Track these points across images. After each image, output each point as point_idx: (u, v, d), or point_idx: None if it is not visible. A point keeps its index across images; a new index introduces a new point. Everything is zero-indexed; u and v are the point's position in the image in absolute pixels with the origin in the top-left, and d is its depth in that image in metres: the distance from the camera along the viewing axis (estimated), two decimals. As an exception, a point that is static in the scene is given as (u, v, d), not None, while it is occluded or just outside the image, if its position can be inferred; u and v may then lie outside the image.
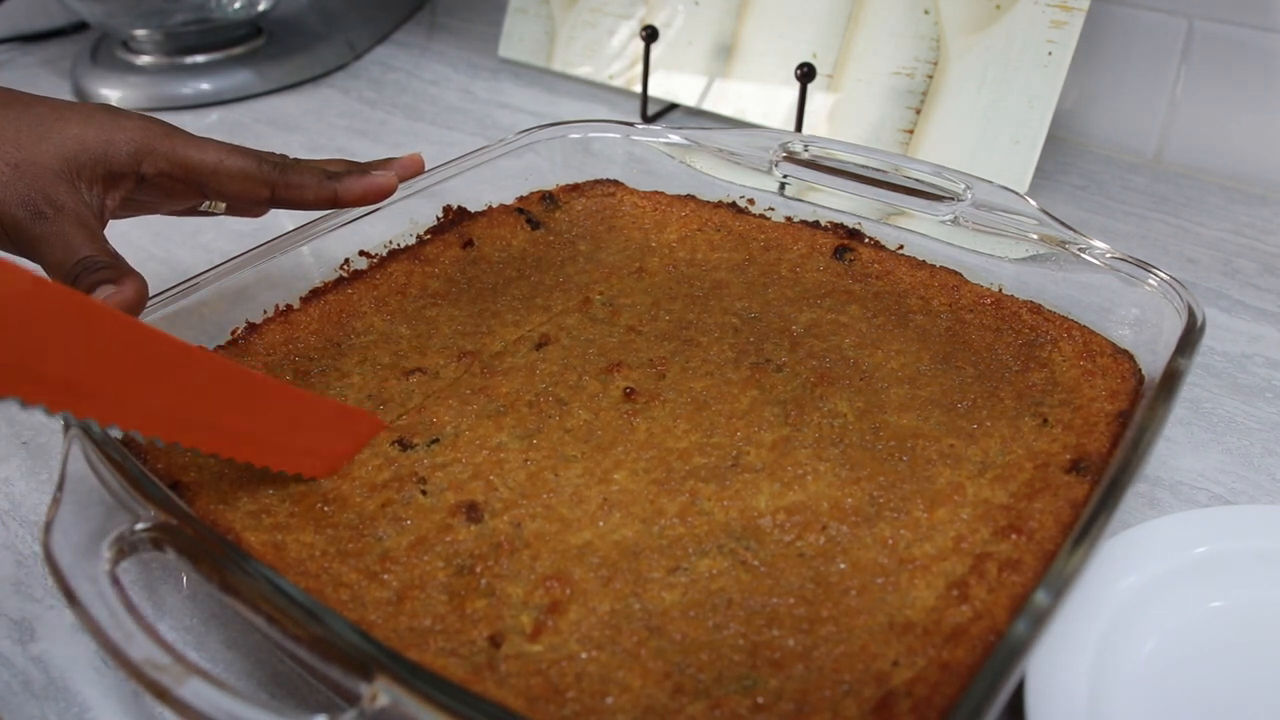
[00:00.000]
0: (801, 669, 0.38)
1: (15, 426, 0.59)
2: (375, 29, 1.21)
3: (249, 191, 0.53)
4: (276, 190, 0.54)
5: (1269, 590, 0.46)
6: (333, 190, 0.55)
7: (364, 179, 0.56)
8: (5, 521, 0.53)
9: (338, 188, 0.55)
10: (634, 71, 0.99)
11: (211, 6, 1.05)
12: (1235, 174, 0.87)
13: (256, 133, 0.99)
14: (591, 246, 0.68)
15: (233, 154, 0.53)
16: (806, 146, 0.68)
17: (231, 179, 0.53)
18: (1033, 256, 0.60)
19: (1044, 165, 0.87)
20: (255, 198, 0.54)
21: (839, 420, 0.51)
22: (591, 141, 0.74)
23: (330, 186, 0.55)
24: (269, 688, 0.44)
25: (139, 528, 0.39)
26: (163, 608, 0.48)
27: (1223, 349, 0.66)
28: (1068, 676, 0.41)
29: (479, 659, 0.39)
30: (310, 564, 0.43)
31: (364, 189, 0.56)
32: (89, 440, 0.42)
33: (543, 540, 0.44)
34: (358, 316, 0.59)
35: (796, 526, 0.45)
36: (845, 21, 0.87)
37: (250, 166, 0.53)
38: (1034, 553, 0.42)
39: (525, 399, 0.53)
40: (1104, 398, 0.52)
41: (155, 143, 0.51)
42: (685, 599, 0.42)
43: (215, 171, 0.52)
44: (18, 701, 0.44)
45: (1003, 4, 0.79)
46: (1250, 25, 0.82)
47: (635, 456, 0.49)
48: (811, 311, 0.60)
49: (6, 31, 1.20)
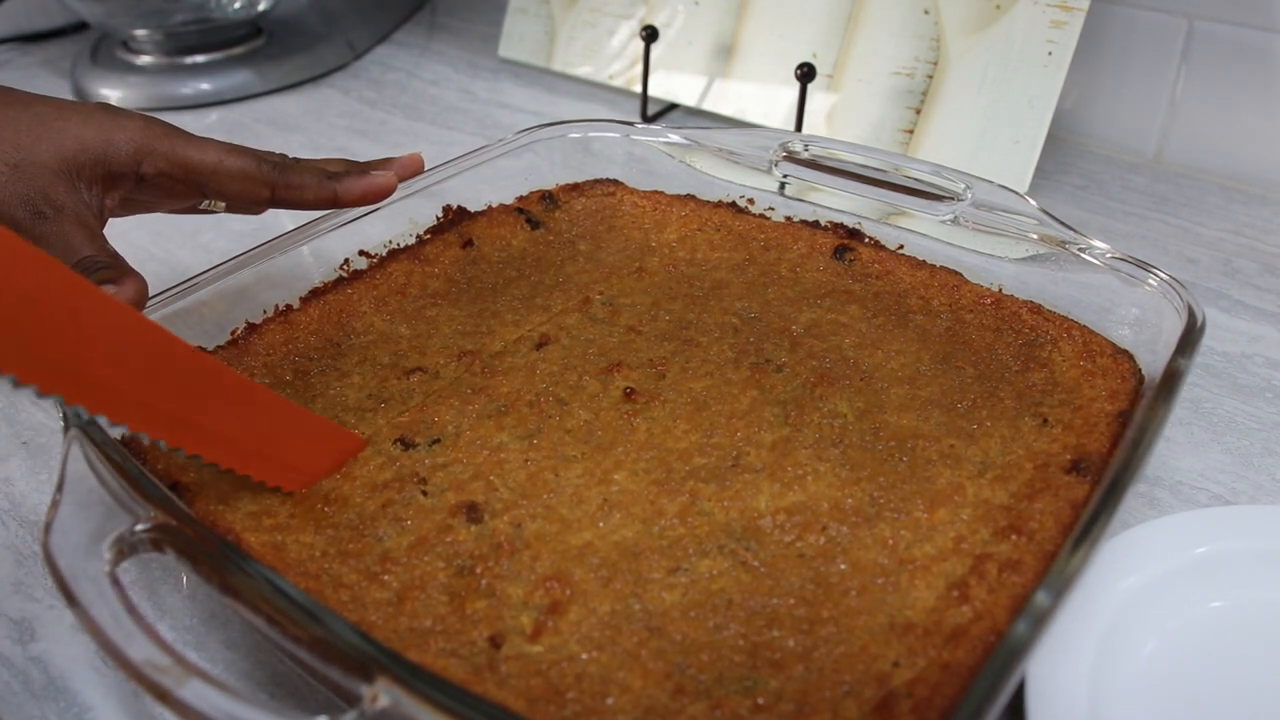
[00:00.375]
0: (802, 669, 0.38)
1: (15, 426, 0.59)
2: (375, 29, 1.21)
3: (249, 191, 0.54)
4: (276, 190, 0.54)
5: (1270, 590, 0.46)
6: (332, 190, 0.55)
7: (364, 179, 0.56)
8: (5, 521, 0.53)
9: (337, 188, 0.55)
10: (634, 71, 0.99)
11: (211, 6, 1.05)
12: (1235, 174, 0.87)
13: (256, 133, 0.99)
14: (591, 246, 0.68)
15: (232, 154, 0.53)
16: (806, 146, 0.68)
17: (231, 179, 0.53)
18: (1033, 256, 0.60)
19: (1044, 165, 0.87)
20: (255, 197, 0.54)
21: (839, 420, 0.51)
22: (591, 141, 0.73)
23: (330, 186, 0.55)
24: (269, 688, 0.44)
25: (139, 528, 0.39)
26: (163, 607, 0.48)
27: (1223, 349, 0.66)
28: (1068, 677, 0.41)
29: (479, 660, 0.39)
30: (310, 564, 0.43)
31: (364, 189, 0.56)
32: (88, 441, 0.42)
33: (543, 541, 0.44)
34: (357, 316, 0.59)
35: (797, 527, 0.45)
36: (845, 21, 0.87)
37: (250, 166, 0.53)
38: (1034, 553, 0.42)
39: (525, 399, 0.53)
40: (1104, 398, 0.52)
41: (155, 142, 0.51)
42: (685, 599, 0.41)
43: (215, 171, 0.52)
44: (18, 701, 0.44)
45: (1003, 4, 0.79)
46: (1250, 25, 0.82)
47: (635, 457, 0.49)
48: (811, 311, 0.60)
49: (6, 31, 1.20)
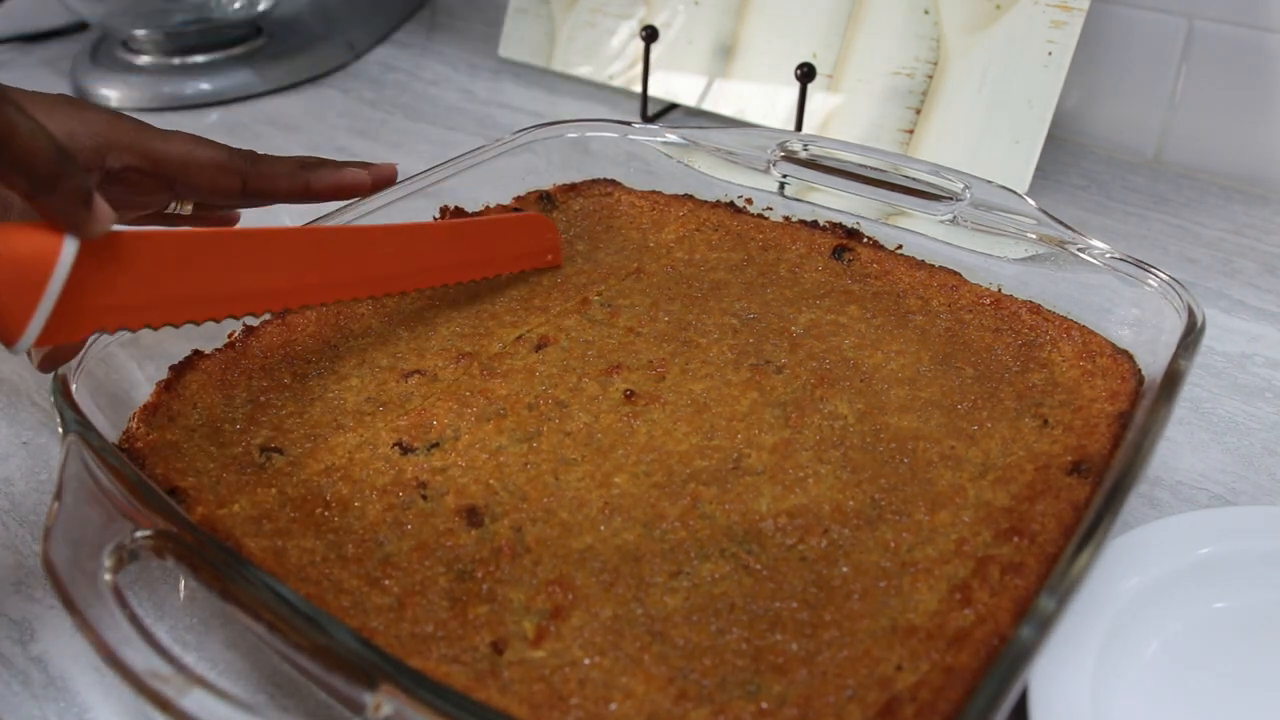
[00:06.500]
0: (805, 673, 0.38)
1: (15, 427, 0.59)
2: (375, 29, 1.21)
3: (220, 183, 0.52)
4: (248, 181, 0.53)
5: (1272, 591, 0.46)
6: (305, 181, 0.54)
7: (337, 172, 0.55)
8: (5, 521, 0.53)
9: (310, 178, 0.54)
10: (634, 71, 0.99)
11: (211, 6, 1.05)
12: (1235, 174, 0.87)
13: (256, 132, 0.99)
14: (589, 246, 0.68)
15: (201, 145, 0.52)
16: (805, 146, 0.68)
17: (201, 170, 0.52)
18: (1032, 256, 0.60)
19: (1044, 165, 0.87)
20: (226, 189, 0.53)
21: (839, 422, 0.51)
22: (589, 141, 0.73)
23: (303, 177, 0.54)
24: (269, 689, 0.44)
25: (139, 535, 0.38)
26: (163, 608, 0.48)
27: (1223, 349, 0.66)
28: (1071, 678, 0.41)
29: (482, 665, 0.39)
30: (311, 570, 0.43)
31: (336, 181, 0.55)
32: (87, 446, 0.42)
33: (544, 545, 0.44)
34: (355, 319, 0.59)
35: (798, 530, 0.45)
36: (845, 21, 0.87)
37: (220, 156, 0.52)
38: (1036, 555, 0.42)
39: (525, 401, 0.52)
40: (1104, 398, 0.51)
41: (120, 135, 0.50)
42: (688, 603, 0.41)
43: (184, 163, 0.51)
44: (18, 701, 0.44)
45: (1003, 4, 0.79)
46: (1250, 25, 0.82)
47: (636, 459, 0.49)
48: (811, 312, 0.60)
49: (6, 31, 1.20)
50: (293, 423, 0.51)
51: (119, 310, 0.43)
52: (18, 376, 0.63)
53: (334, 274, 0.52)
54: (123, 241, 0.42)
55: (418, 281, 0.57)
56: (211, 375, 0.54)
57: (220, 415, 0.52)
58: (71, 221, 0.39)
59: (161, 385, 0.52)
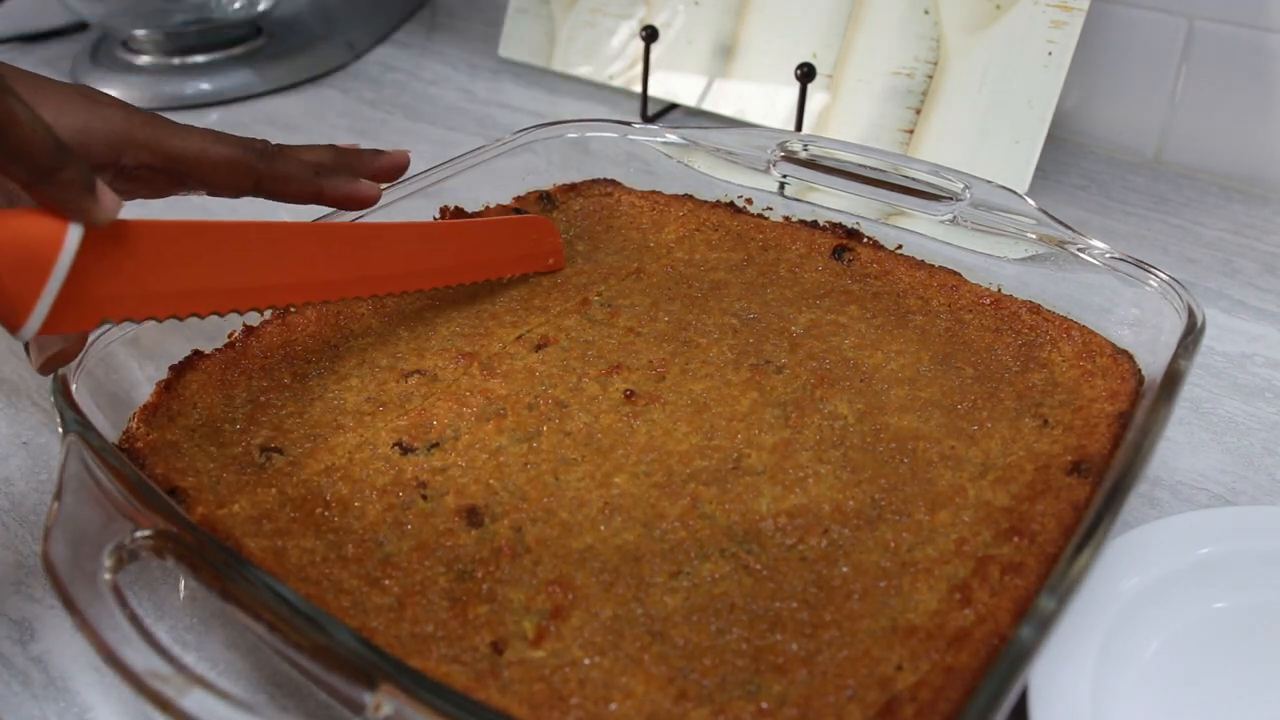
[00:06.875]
0: (805, 673, 0.38)
1: (15, 427, 0.59)
2: (375, 29, 1.21)
3: (232, 181, 0.52)
4: (261, 181, 0.53)
5: (1272, 591, 0.46)
6: (318, 188, 0.54)
7: (350, 184, 0.55)
8: (5, 521, 0.53)
9: (323, 185, 0.54)
10: (634, 71, 0.99)
11: (211, 6, 1.05)
12: (1235, 174, 0.87)
13: (256, 133, 0.97)
14: (589, 246, 0.68)
15: (217, 142, 0.51)
16: (805, 146, 0.68)
17: (215, 169, 0.51)
18: (1032, 256, 0.60)
19: (1044, 165, 0.87)
20: (238, 187, 0.53)
21: (839, 422, 0.51)
22: (589, 141, 0.73)
23: (316, 183, 0.54)
24: (269, 688, 0.44)
25: (138, 535, 0.38)
26: (163, 607, 0.48)
27: (1223, 349, 0.66)
28: (1071, 678, 0.41)
29: (482, 665, 0.39)
30: (311, 570, 0.43)
31: (348, 193, 0.55)
32: (87, 446, 0.42)
33: (544, 545, 0.44)
34: (355, 319, 0.59)
35: (798, 530, 0.45)
36: (845, 21, 0.87)
37: (236, 155, 0.51)
38: (1036, 555, 0.42)
39: (525, 401, 0.52)
40: (1104, 398, 0.51)
41: (136, 132, 0.49)
42: (688, 603, 0.41)
43: (199, 161, 0.51)
44: (17, 701, 0.44)
45: (1003, 4, 0.79)
46: (1250, 25, 0.82)
47: (636, 459, 0.49)
48: (811, 312, 0.60)
49: (6, 31, 1.20)
50: (293, 423, 0.51)
51: (124, 299, 0.43)
52: (18, 376, 0.63)
53: (337, 270, 0.53)
54: (128, 230, 0.42)
55: (419, 282, 0.58)
56: (211, 375, 0.54)
57: (220, 415, 0.52)
58: (74, 209, 0.39)
59: (161, 385, 0.52)
